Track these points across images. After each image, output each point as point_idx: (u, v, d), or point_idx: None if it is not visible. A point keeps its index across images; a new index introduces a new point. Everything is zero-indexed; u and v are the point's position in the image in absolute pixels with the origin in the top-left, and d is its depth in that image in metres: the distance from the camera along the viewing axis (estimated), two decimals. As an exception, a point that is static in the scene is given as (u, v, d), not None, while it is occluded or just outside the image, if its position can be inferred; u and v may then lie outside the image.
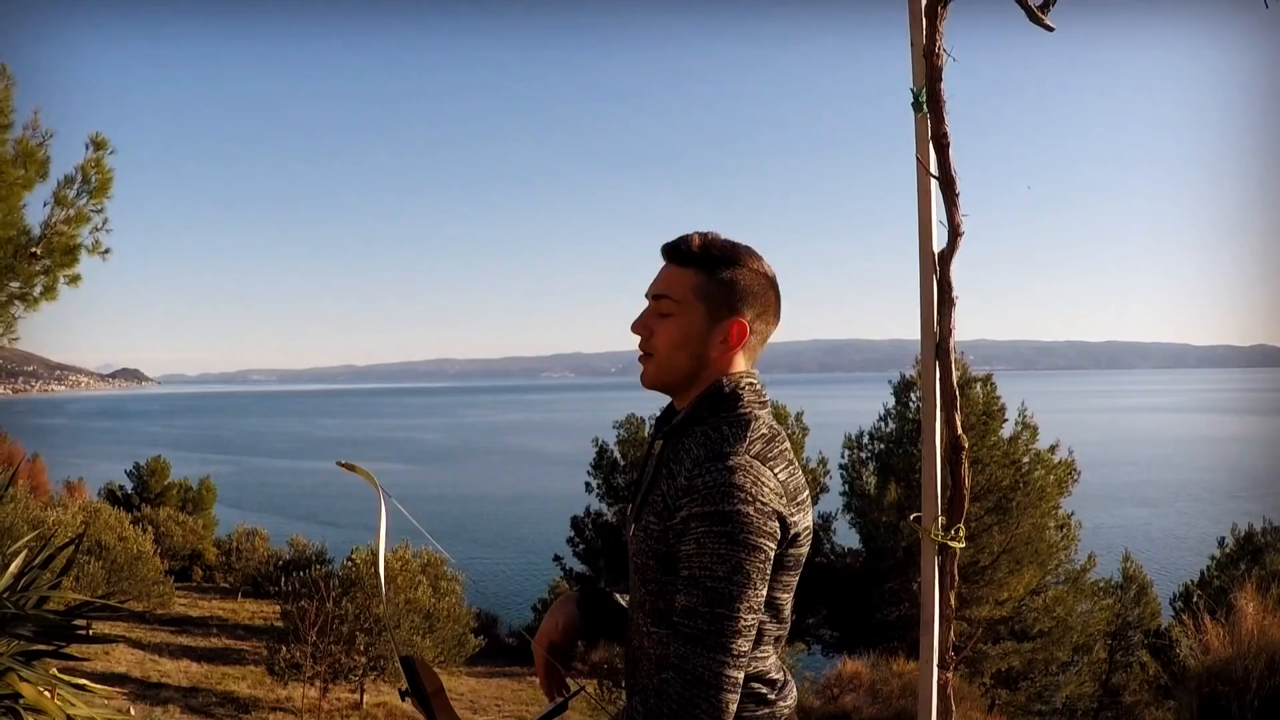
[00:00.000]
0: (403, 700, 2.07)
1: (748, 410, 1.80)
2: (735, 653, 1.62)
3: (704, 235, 1.86)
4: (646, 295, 1.90)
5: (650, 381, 1.90)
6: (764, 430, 1.78)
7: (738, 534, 1.63)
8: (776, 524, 1.67)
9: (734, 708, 1.61)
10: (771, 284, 1.88)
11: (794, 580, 1.81)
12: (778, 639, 1.85)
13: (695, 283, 1.83)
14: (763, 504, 1.66)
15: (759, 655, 1.80)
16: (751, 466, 1.69)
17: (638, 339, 1.91)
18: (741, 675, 1.63)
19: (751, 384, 1.85)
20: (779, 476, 1.72)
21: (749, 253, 1.87)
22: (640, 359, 1.90)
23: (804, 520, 1.78)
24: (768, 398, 1.91)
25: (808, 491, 1.82)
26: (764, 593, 1.67)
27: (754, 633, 1.65)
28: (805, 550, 1.81)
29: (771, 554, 1.67)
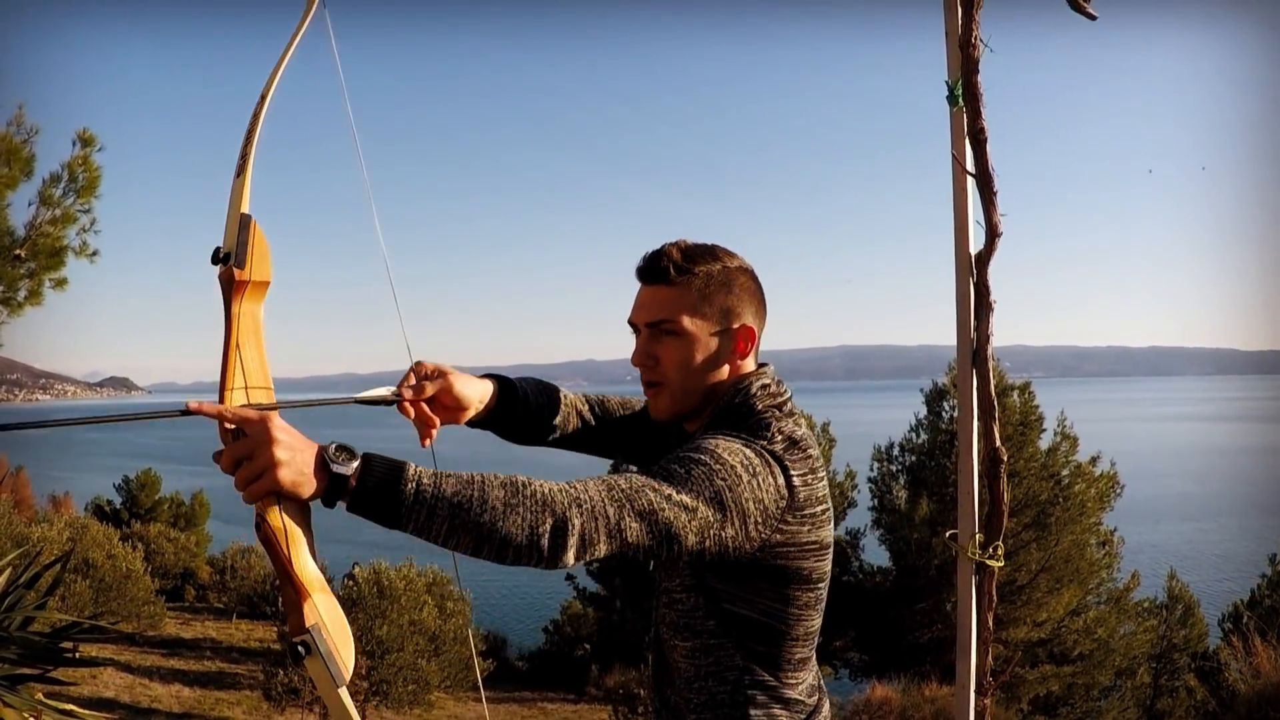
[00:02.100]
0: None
1: (766, 416, 1.77)
2: (684, 502, 1.51)
3: (679, 246, 1.84)
4: (632, 322, 1.88)
5: (666, 411, 1.87)
6: (783, 435, 1.74)
7: (739, 451, 1.63)
8: (774, 483, 1.64)
9: (598, 554, 1.45)
10: (755, 277, 1.88)
11: (808, 596, 1.76)
12: (807, 659, 1.83)
13: (691, 298, 1.80)
14: (768, 458, 1.66)
15: (789, 681, 1.78)
16: (764, 455, 1.67)
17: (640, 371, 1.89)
18: (666, 525, 1.48)
19: (765, 385, 1.83)
20: (793, 480, 1.67)
21: (726, 252, 1.86)
22: (648, 391, 1.88)
23: (815, 534, 1.72)
24: (788, 393, 1.86)
25: (828, 506, 1.77)
26: (748, 504, 1.59)
27: (708, 519, 1.53)
28: (820, 566, 1.75)
29: (763, 491, 1.62)
